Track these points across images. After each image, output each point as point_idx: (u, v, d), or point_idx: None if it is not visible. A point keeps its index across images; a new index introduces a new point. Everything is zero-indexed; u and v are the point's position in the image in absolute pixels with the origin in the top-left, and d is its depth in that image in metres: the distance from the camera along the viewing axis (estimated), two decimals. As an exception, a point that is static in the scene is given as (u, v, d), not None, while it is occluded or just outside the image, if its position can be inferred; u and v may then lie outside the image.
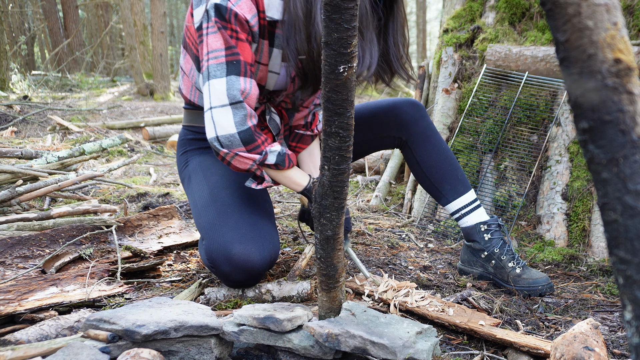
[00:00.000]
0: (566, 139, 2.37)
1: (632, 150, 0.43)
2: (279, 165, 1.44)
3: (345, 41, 0.86)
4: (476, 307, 1.50)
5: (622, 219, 0.44)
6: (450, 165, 1.76)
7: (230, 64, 1.36)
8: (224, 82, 1.35)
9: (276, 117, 1.62)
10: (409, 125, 1.75)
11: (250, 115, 1.39)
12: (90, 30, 16.88)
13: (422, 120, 1.76)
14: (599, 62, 0.43)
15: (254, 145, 1.40)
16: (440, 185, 1.75)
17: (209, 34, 1.36)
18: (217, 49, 1.35)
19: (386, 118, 1.76)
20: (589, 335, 1.08)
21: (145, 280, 1.66)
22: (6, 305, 1.28)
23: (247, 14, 1.37)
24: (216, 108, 1.36)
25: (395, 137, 1.78)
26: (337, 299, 1.20)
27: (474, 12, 3.02)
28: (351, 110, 0.96)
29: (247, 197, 1.53)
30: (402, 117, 1.76)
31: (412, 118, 1.75)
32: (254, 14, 1.39)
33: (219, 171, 1.60)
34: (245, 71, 1.37)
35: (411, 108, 1.76)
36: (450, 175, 1.74)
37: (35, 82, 9.50)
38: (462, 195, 1.74)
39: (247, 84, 1.37)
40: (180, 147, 1.75)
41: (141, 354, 0.96)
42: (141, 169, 4.29)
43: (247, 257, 1.39)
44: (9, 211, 2.40)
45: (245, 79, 1.37)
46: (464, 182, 1.75)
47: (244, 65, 1.37)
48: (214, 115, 1.37)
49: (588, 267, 1.96)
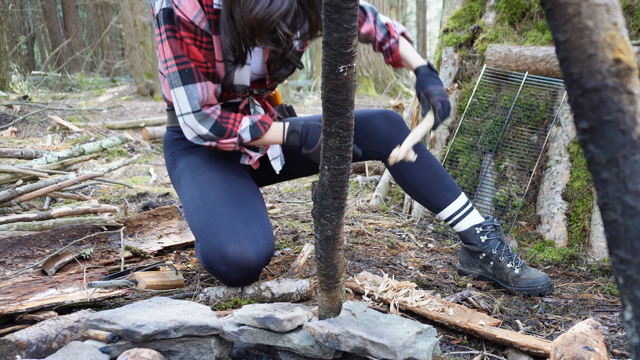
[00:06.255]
0: (566, 139, 2.37)
1: (632, 150, 0.43)
2: (256, 137, 1.54)
3: (345, 41, 0.86)
4: (476, 307, 1.50)
5: (622, 219, 0.44)
6: (435, 174, 1.73)
7: (182, 72, 1.45)
8: (183, 92, 1.47)
9: (260, 109, 1.67)
10: (387, 142, 1.70)
11: (212, 112, 1.50)
12: (90, 30, 16.88)
13: (400, 134, 1.71)
14: (599, 62, 0.43)
15: (227, 134, 1.51)
16: (429, 196, 1.73)
17: (162, 42, 1.44)
18: (168, 58, 1.45)
19: (364, 132, 1.71)
20: (589, 335, 1.08)
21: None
22: (7, 305, 1.28)
23: (189, 14, 1.39)
24: (185, 115, 1.49)
25: (375, 151, 1.74)
26: (337, 299, 1.20)
27: (474, 12, 3.02)
28: (351, 110, 0.96)
29: (237, 195, 1.54)
30: (379, 133, 1.72)
31: (389, 134, 1.71)
32: (199, 10, 1.40)
33: (207, 171, 1.60)
34: (199, 76, 1.46)
35: (387, 123, 1.72)
36: (437, 185, 1.72)
37: (35, 82, 9.50)
38: (451, 202, 1.72)
39: (203, 89, 1.47)
40: (167, 148, 1.76)
41: (141, 354, 0.96)
42: (141, 169, 4.29)
43: (243, 255, 1.39)
44: (9, 211, 2.40)
45: (201, 84, 1.47)
46: (452, 189, 1.73)
47: (196, 71, 1.46)
48: (185, 120, 1.50)
49: (588, 267, 1.96)
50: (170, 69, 1.46)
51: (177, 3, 1.38)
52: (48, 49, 14.69)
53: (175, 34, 1.41)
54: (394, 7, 15.03)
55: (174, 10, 1.38)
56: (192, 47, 1.43)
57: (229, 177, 1.59)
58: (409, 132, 1.73)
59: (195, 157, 1.66)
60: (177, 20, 1.39)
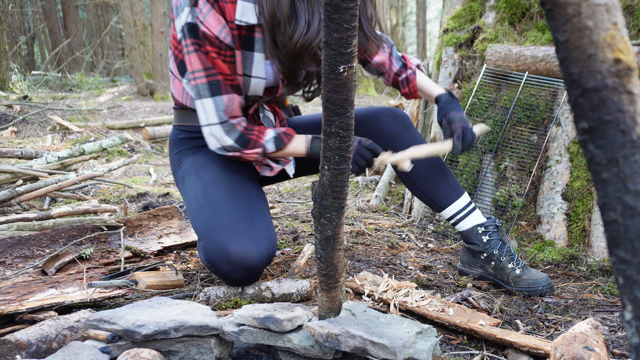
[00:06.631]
0: (566, 139, 2.37)
1: (632, 150, 0.43)
2: (280, 148, 1.54)
3: (345, 41, 0.86)
4: (476, 307, 1.50)
5: (622, 219, 0.44)
6: (439, 172, 1.73)
7: (211, 84, 1.47)
8: (211, 103, 1.48)
9: (269, 114, 1.67)
10: (393, 138, 1.71)
11: (238, 124, 1.51)
12: (90, 30, 16.89)
13: (406, 131, 1.72)
14: (599, 62, 0.43)
15: (251, 144, 1.52)
16: (432, 195, 1.74)
17: (189, 53, 1.46)
18: (197, 69, 1.46)
19: (370, 129, 1.72)
20: (589, 335, 1.08)
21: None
22: (7, 305, 1.28)
23: (214, 29, 1.40)
24: (212, 125, 1.50)
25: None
26: (337, 299, 1.21)
27: (474, 12, 3.02)
28: (351, 110, 0.96)
29: (240, 195, 1.54)
30: (385, 130, 1.72)
31: (395, 131, 1.71)
32: (223, 26, 1.41)
33: (212, 170, 1.60)
34: (226, 89, 1.48)
35: (393, 119, 1.73)
36: (441, 184, 1.72)
37: (35, 82, 9.50)
38: (455, 201, 1.72)
39: (230, 101, 1.49)
40: (172, 147, 1.75)
41: (141, 354, 0.96)
42: (141, 169, 4.30)
43: (245, 254, 1.39)
44: (9, 211, 2.40)
45: (228, 96, 1.49)
46: (455, 188, 1.73)
47: (224, 83, 1.48)
48: (212, 131, 1.51)
49: (588, 267, 1.96)
50: (198, 80, 1.47)
51: (202, 19, 1.39)
52: (48, 49, 14.69)
53: (201, 48, 1.43)
54: (394, 7, 15.02)
55: (198, 26, 1.40)
56: (218, 60, 1.44)
57: (234, 178, 1.59)
58: (415, 130, 1.75)
59: (200, 156, 1.66)
60: (202, 36, 1.41)
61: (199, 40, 1.42)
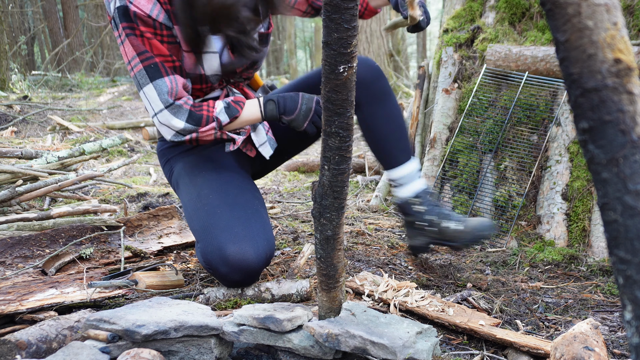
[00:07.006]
0: (566, 139, 2.37)
1: (632, 150, 0.43)
2: (234, 116, 1.50)
3: (345, 41, 0.86)
4: (476, 307, 1.50)
5: (622, 219, 0.44)
6: (397, 130, 1.70)
7: (149, 68, 1.41)
8: (153, 89, 1.43)
9: (240, 97, 1.64)
10: (362, 86, 1.66)
11: (184, 103, 1.46)
12: (90, 30, 16.88)
13: (378, 81, 1.68)
14: (599, 62, 0.43)
15: (204, 120, 1.48)
16: (383, 150, 1.71)
17: (123, 42, 1.41)
18: (132, 57, 1.41)
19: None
20: (589, 335, 1.08)
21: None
22: (7, 305, 1.28)
23: (145, 7, 1.36)
24: (158, 114, 1.46)
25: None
26: (337, 299, 1.21)
27: (474, 12, 3.02)
28: (351, 110, 0.96)
29: (235, 196, 1.53)
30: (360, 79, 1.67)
31: (366, 78, 1.66)
32: (153, 3, 1.37)
33: (203, 172, 1.59)
34: (166, 70, 1.43)
35: (366, 69, 1.67)
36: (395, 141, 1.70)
37: (35, 82, 9.50)
38: (401, 165, 1.70)
39: (172, 83, 1.44)
40: (161, 157, 1.75)
41: (141, 354, 0.96)
42: (141, 169, 4.29)
43: (243, 256, 1.39)
44: (9, 211, 2.40)
45: (169, 78, 1.43)
46: (406, 151, 1.71)
47: (162, 65, 1.42)
48: (160, 120, 1.47)
49: (588, 267, 1.96)
50: (135, 68, 1.42)
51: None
52: (48, 49, 14.69)
53: (135, 31, 1.38)
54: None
55: (128, 7, 1.35)
56: (154, 41, 1.39)
57: (226, 177, 1.58)
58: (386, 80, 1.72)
59: (190, 159, 1.65)
60: (134, 16, 1.36)
61: (132, 22, 1.37)
